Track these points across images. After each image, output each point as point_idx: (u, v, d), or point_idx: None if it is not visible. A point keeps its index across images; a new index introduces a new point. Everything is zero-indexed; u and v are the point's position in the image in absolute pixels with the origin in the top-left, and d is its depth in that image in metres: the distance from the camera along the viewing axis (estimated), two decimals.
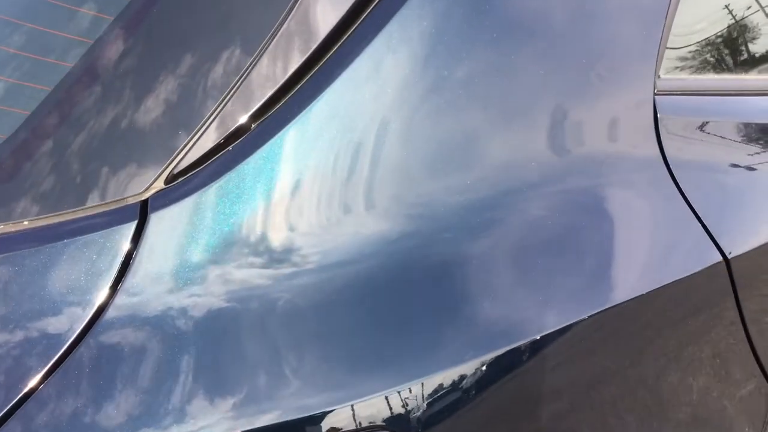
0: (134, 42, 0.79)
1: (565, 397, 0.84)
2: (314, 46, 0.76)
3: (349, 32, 0.77)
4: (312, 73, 0.76)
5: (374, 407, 0.71)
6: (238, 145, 0.75)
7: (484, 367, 0.76)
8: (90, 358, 0.68)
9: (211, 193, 0.73)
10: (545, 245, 0.83)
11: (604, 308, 0.84)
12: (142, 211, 0.73)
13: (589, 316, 0.82)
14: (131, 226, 0.72)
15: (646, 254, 0.90)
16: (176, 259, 0.71)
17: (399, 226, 0.77)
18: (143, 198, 0.73)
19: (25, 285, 0.71)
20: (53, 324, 0.69)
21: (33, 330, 0.69)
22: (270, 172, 0.74)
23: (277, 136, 0.74)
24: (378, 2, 0.78)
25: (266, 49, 0.76)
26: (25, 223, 0.74)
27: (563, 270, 0.83)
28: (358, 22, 0.77)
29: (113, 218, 0.72)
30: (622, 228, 0.89)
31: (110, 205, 0.73)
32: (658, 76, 0.95)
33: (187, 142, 0.74)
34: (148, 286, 0.70)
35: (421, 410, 0.73)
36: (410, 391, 0.72)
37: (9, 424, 0.66)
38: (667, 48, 0.96)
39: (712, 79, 1.01)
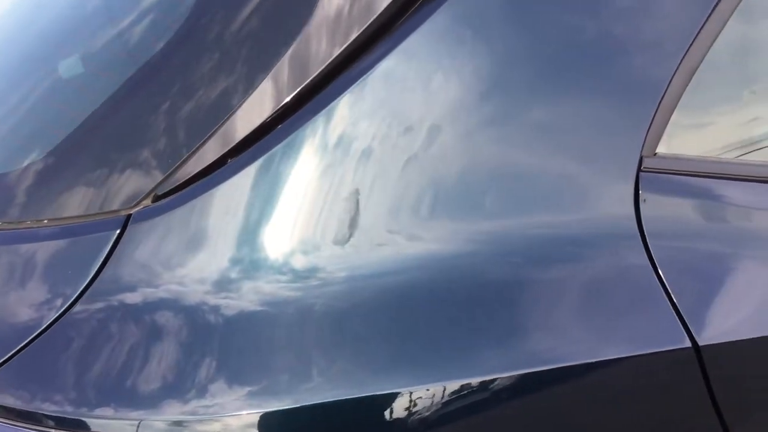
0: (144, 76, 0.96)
1: None
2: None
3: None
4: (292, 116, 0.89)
5: (385, 404, 0.82)
6: (214, 175, 0.89)
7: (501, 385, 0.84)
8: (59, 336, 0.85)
9: (180, 214, 0.87)
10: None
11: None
12: (126, 223, 0.89)
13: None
14: (115, 233, 0.88)
15: None
16: (149, 262, 0.87)
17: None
18: (130, 212, 0.89)
19: (27, 271, 0.90)
20: (40, 305, 0.87)
21: (23, 307, 0.88)
22: (232, 200, 0.87)
23: (243, 171, 0.87)
24: None
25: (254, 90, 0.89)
26: (45, 221, 0.93)
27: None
28: None
29: (103, 225, 0.90)
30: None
31: (105, 215, 0.91)
32: (654, 153, 0.94)
33: (171, 170, 0.89)
34: (125, 280, 0.86)
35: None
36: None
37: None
38: (664, 124, 0.94)
39: (704, 160, 0.97)
